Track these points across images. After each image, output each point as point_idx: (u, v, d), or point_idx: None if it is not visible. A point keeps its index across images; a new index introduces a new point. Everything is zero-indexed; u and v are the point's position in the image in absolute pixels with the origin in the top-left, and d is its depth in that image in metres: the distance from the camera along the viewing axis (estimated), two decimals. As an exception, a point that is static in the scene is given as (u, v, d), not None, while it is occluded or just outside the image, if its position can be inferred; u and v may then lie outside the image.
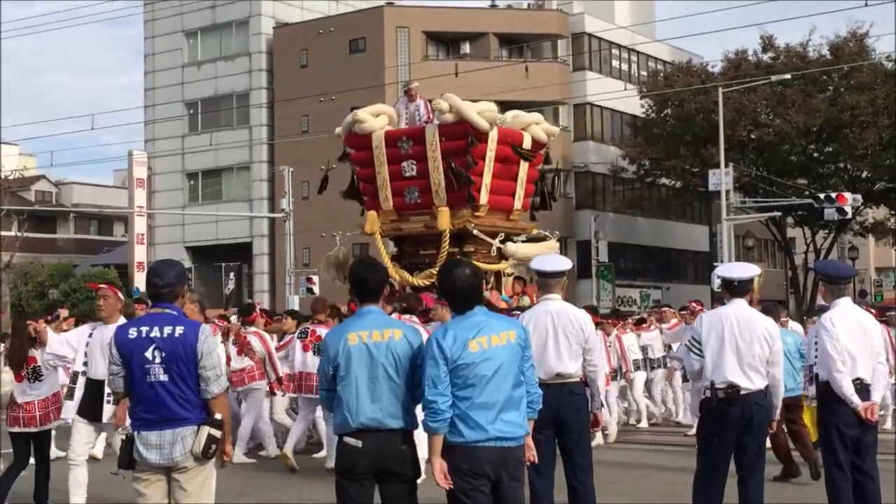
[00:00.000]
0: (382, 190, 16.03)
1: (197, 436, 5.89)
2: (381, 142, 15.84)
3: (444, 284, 5.88)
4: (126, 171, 49.18)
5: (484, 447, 5.60)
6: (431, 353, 5.63)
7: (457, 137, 15.21)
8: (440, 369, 5.59)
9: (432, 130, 15.48)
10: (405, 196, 15.93)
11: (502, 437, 5.63)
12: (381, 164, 15.92)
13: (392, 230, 16.27)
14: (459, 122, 15.19)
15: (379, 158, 15.89)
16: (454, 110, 15.27)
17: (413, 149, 15.65)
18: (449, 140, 15.31)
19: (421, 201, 15.82)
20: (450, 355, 5.59)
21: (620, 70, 52.35)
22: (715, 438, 7.62)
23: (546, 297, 7.74)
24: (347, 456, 5.75)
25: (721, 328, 7.58)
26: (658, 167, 48.01)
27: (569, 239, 49.17)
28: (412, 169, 15.70)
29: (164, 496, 6.01)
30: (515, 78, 45.34)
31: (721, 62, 46.63)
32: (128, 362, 5.94)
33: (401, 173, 15.82)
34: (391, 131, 16.04)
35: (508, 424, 5.66)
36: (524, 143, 16.11)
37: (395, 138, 15.84)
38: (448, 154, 15.23)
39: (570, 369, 7.56)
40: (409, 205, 15.98)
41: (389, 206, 16.04)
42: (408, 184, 15.85)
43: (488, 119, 15.34)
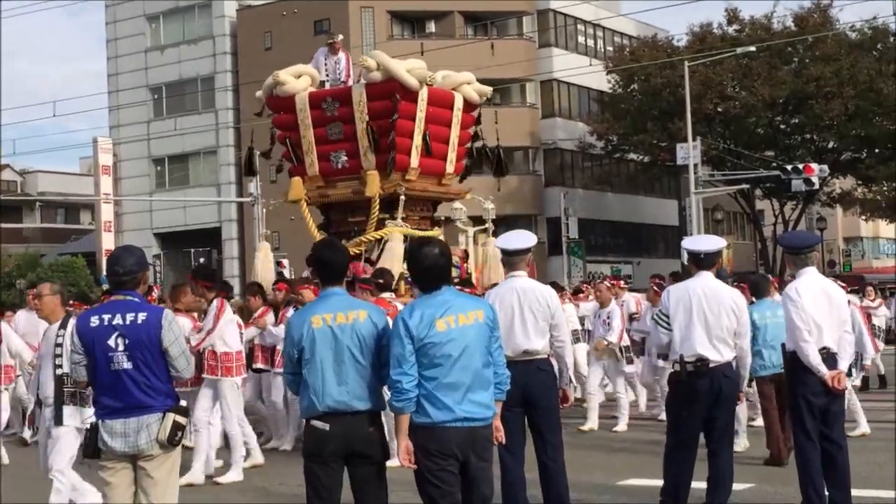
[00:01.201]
0: (308, 155, 15.23)
1: (162, 423, 5.83)
2: (305, 104, 15.10)
3: (412, 262, 5.83)
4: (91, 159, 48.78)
5: (451, 428, 5.56)
6: (397, 332, 5.58)
7: (385, 97, 14.45)
8: (405, 348, 5.54)
9: (359, 90, 14.71)
10: (332, 160, 15.16)
11: (469, 418, 5.60)
12: (305, 128, 15.15)
13: (319, 197, 15.47)
14: (388, 81, 14.43)
15: (303, 122, 15.15)
16: (382, 68, 14.51)
17: (339, 110, 14.87)
18: (376, 100, 14.54)
19: (349, 166, 15.03)
20: (416, 334, 5.54)
21: (586, 46, 52.34)
22: (684, 411, 7.64)
23: (512, 275, 7.71)
24: (315, 439, 5.71)
25: (689, 301, 7.59)
26: (626, 142, 48.12)
27: (538, 216, 49.30)
28: (339, 131, 14.96)
29: (131, 484, 5.95)
30: (481, 56, 45.17)
31: (686, 36, 46.81)
32: (90, 351, 5.86)
33: (326, 136, 15.07)
34: (315, 92, 15.27)
35: (475, 405, 5.63)
36: (455, 103, 15.54)
37: (320, 99, 15.07)
38: (375, 115, 14.52)
39: (536, 346, 7.54)
40: (337, 170, 15.20)
41: (315, 171, 15.27)
42: (334, 147, 15.08)
43: (418, 77, 14.64)
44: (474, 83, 16.20)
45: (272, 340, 12.39)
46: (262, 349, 12.62)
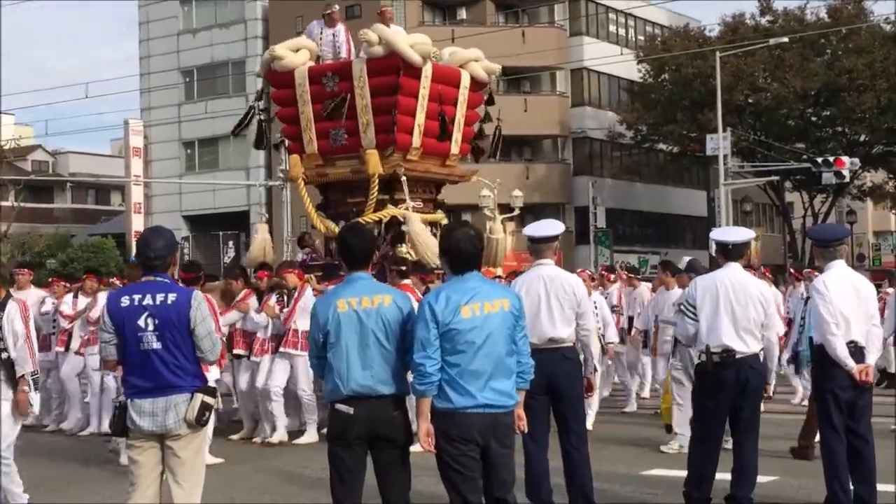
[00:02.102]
0: (306, 132, 14.64)
1: (190, 403, 5.89)
2: (305, 79, 14.54)
3: (444, 244, 5.87)
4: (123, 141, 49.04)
5: (472, 414, 5.59)
6: (423, 316, 5.61)
7: (387, 73, 13.90)
8: (430, 332, 5.57)
9: (360, 65, 14.10)
10: (331, 138, 14.56)
11: (490, 405, 5.62)
12: (304, 104, 14.59)
13: (317, 176, 14.92)
14: (389, 56, 13.83)
15: (302, 97, 14.59)
16: (384, 42, 13.87)
17: (339, 86, 14.27)
18: (378, 75, 13.98)
19: (348, 143, 14.44)
20: (441, 319, 5.57)
21: (617, 35, 52.13)
22: (710, 402, 7.62)
23: (538, 263, 7.71)
24: (339, 422, 5.75)
25: (716, 292, 7.57)
26: (655, 132, 47.92)
27: (566, 205, 49.18)
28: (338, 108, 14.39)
29: (158, 463, 6.01)
30: (512, 43, 45.05)
31: (718, 26, 46.53)
32: (120, 330, 5.92)
33: (326, 113, 14.50)
34: (315, 67, 14.69)
35: (497, 393, 5.65)
36: (462, 82, 14.98)
37: (320, 74, 14.50)
38: (377, 91, 13.97)
39: (562, 334, 7.55)
40: (336, 148, 14.61)
41: (314, 149, 14.69)
42: (333, 125, 14.48)
43: (421, 52, 14.02)
44: (483, 60, 15.62)
45: (252, 327, 12.03)
46: (242, 334, 12.18)
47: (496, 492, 5.74)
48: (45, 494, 9.05)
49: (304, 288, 11.92)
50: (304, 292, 11.85)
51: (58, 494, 9.29)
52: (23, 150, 56.97)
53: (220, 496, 8.74)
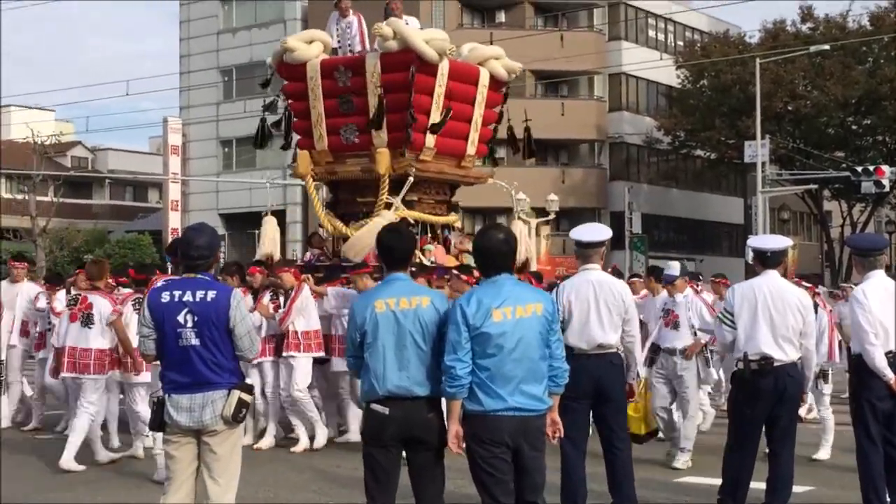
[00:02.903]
0: (317, 127, 14.10)
1: (227, 399, 5.93)
2: (317, 72, 13.93)
3: (476, 245, 5.89)
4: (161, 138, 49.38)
5: (503, 416, 5.59)
6: (454, 318, 5.62)
7: (401, 68, 13.34)
8: (461, 335, 5.57)
9: (373, 60, 13.52)
10: (342, 135, 14.01)
11: (521, 409, 5.62)
12: (315, 98, 14.01)
13: (326, 173, 14.39)
14: (404, 51, 13.26)
15: (314, 91, 14.00)
16: (398, 37, 13.31)
17: (352, 80, 13.69)
18: (392, 71, 13.41)
19: (359, 141, 13.88)
20: (472, 322, 5.58)
21: (657, 40, 51.96)
22: (747, 410, 7.58)
23: (585, 267, 7.67)
24: (374, 423, 5.77)
25: (754, 299, 7.53)
26: (693, 138, 47.73)
27: (602, 210, 49.05)
28: (350, 104, 13.83)
29: (194, 459, 6.06)
30: (551, 47, 45.06)
31: (759, 32, 46.27)
32: (160, 325, 5.97)
33: (338, 109, 13.93)
34: (328, 60, 14.07)
35: (528, 397, 5.65)
36: (481, 80, 14.41)
37: (332, 68, 13.88)
38: (390, 87, 13.39)
39: (611, 340, 7.53)
40: (346, 145, 14.05)
41: (324, 145, 14.11)
42: (345, 121, 13.93)
43: (437, 48, 13.41)
44: (503, 58, 14.99)
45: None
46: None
47: (527, 495, 5.74)
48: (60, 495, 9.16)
49: (301, 288, 11.51)
50: (300, 292, 11.44)
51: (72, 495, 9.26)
52: (63, 146, 57.40)
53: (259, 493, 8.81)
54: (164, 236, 43.19)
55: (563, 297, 7.50)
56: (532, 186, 40.48)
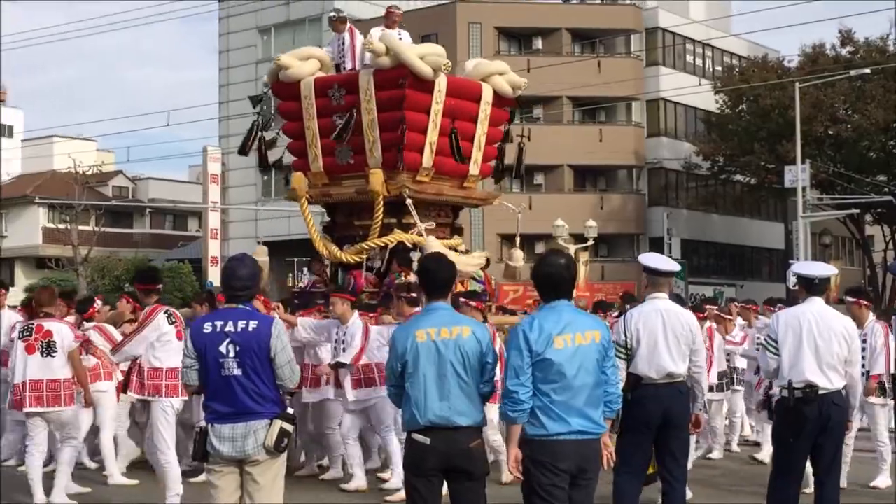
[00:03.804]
0: (311, 148, 13.70)
1: (269, 429, 5.93)
2: (311, 90, 13.54)
3: (537, 270, 5.90)
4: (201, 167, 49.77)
5: (566, 440, 5.61)
6: (517, 343, 5.64)
7: (395, 86, 12.96)
8: (524, 360, 5.60)
9: (367, 77, 13.08)
10: (337, 155, 13.58)
11: (583, 431, 5.66)
12: (310, 117, 13.61)
13: (321, 195, 13.96)
14: (398, 68, 12.87)
15: (308, 110, 13.60)
16: (391, 53, 12.90)
17: (346, 98, 13.29)
18: (385, 88, 13.01)
19: (354, 162, 13.44)
20: (535, 348, 5.60)
21: (695, 65, 51.79)
22: (791, 438, 7.50)
23: (655, 296, 7.57)
24: (416, 453, 5.77)
25: (798, 327, 7.46)
26: (732, 163, 47.45)
27: (641, 235, 48.85)
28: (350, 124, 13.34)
29: (237, 489, 6.07)
30: (588, 73, 45.03)
31: (798, 56, 45.96)
32: (202, 356, 6.00)
33: (332, 128, 13.47)
34: (322, 78, 13.68)
35: (589, 421, 5.69)
36: (484, 96, 13.88)
37: (326, 86, 13.49)
38: (385, 105, 12.98)
39: (680, 369, 7.43)
40: (341, 166, 13.59)
41: (319, 166, 13.70)
42: (340, 141, 13.52)
43: (431, 64, 12.96)
44: (508, 73, 14.40)
45: None
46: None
47: None
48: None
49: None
50: None
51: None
52: (104, 175, 58.04)
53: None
54: (203, 264, 43.46)
55: (632, 325, 7.43)
56: (571, 212, 40.46)
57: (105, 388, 10.86)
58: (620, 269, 46.38)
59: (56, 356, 9.46)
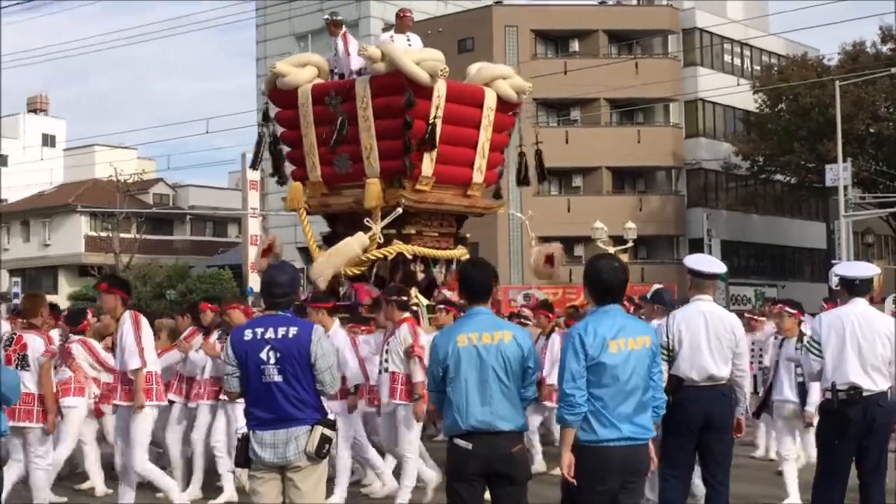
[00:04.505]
0: (309, 157, 13.36)
1: (310, 435, 5.95)
2: (308, 98, 13.21)
3: (589, 274, 5.87)
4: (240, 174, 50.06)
5: (616, 447, 5.62)
6: (573, 347, 5.65)
7: (392, 92, 12.57)
8: (580, 363, 5.62)
9: (363, 84, 12.78)
10: (335, 165, 13.26)
11: (633, 437, 5.66)
12: (307, 125, 13.29)
13: (320, 206, 13.66)
14: (393, 74, 12.51)
15: (305, 118, 13.28)
16: (387, 59, 12.61)
17: (342, 106, 12.91)
18: (382, 95, 12.66)
19: (352, 171, 13.08)
20: (590, 352, 5.61)
21: (733, 65, 51.47)
22: (836, 440, 7.43)
23: (699, 298, 7.52)
24: (458, 458, 5.76)
25: (841, 328, 7.39)
26: (772, 163, 47.12)
27: (680, 237, 48.59)
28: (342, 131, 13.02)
29: (279, 494, 6.08)
30: (625, 75, 44.88)
31: (838, 55, 45.54)
32: (243, 363, 6.03)
33: (330, 137, 13.13)
34: (319, 85, 13.35)
35: (638, 427, 5.69)
36: (486, 101, 13.48)
37: (323, 94, 13.13)
38: (382, 112, 12.64)
39: (722, 372, 7.36)
40: (340, 175, 13.25)
41: (317, 176, 13.37)
42: (338, 150, 13.15)
43: (428, 69, 12.60)
44: (513, 77, 14.05)
45: (191, 369, 10.53)
46: (178, 377, 10.72)
47: None
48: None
49: None
50: None
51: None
52: (145, 183, 58.57)
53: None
54: (244, 270, 43.69)
55: (674, 327, 7.38)
56: (609, 215, 40.29)
57: (74, 404, 10.36)
58: (660, 270, 46.14)
59: (29, 370, 8.97)
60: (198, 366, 10.47)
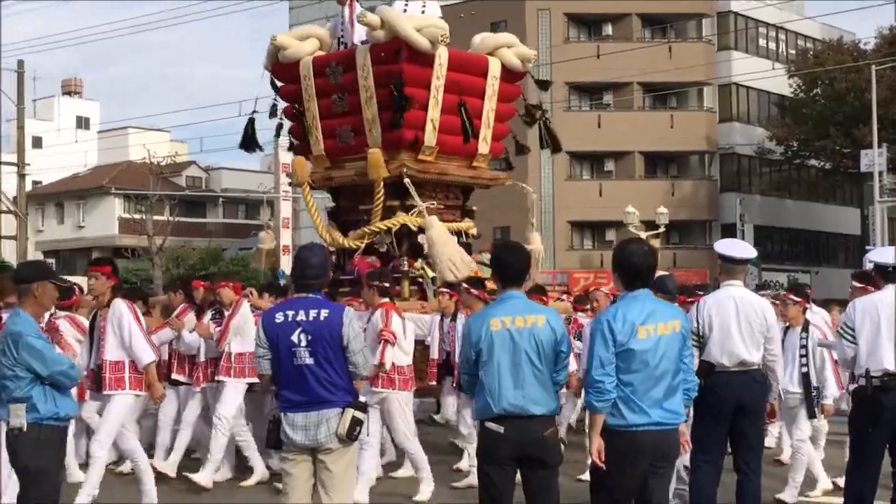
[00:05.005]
0: (312, 130, 13.19)
1: (342, 418, 5.96)
2: (310, 70, 12.97)
3: (618, 258, 5.86)
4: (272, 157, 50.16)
5: (646, 431, 5.62)
6: (602, 333, 5.64)
7: (392, 60, 12.35)
8: (609, 350, 5.61)
9: (363, 53, 12.51)
10: (337, 137, 13.04)
11: (662, 423, 5.66)
12: (309, 98, 13.04)
13: (323, 180, 13.46)
14: (393, 41, 12.26)
15: (307, 91, 13.04)
16: (386, 26, 12.28)
17: (343, 77, 12.70)
18: (383, 64, 12.41)
19: (354, 143, 12.86)
20: (619, 338, 5.61)
21: (768, 49, 51.05)
22: (869, 428, 7.38)
23: (729, 283, 7.46)
24: (489, 441, 5.76)
25: (876, 314, 7.34)
26: (807, 148, 46.77)
27: (713, 222, 48.32)
28: (343, 103, 12.81)
29: (310, 476, 6.11)
30: (658, 59, 44.61)
31: (874, 39, 45.08)
32: (274, 346, 6.04)
33: (331, 109, 12.95)
34: (320, 57, 13.10)
35: (668, 412, 5.69)
36: (490, 70, 13.22)
37: (324, 65, 12.91)
38: (383, 81, 12.39)
39: (754, 358, 7.31)
40: (342, 148, 13.05)
41: (320, 150, 13.20)
42: (340, 122, 12.94)
43: (429, 36, 12.28)
44: (517, 46, 13.70)
45: (185, 348, 10.46)
46: (179, 357, 10.69)
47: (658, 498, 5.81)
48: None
49: (240, 305, 10.18)
50: (238, 310, 10.12)
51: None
52: (178, 166, 58.79)
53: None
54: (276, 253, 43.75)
55: (704, 313, 7.34)
56: (641, 199, 40.15)
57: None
58: (692, 256, 45.96)
59: None
60: (193, 347, 10.39)
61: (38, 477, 6.24)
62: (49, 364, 6.25)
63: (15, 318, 6.33)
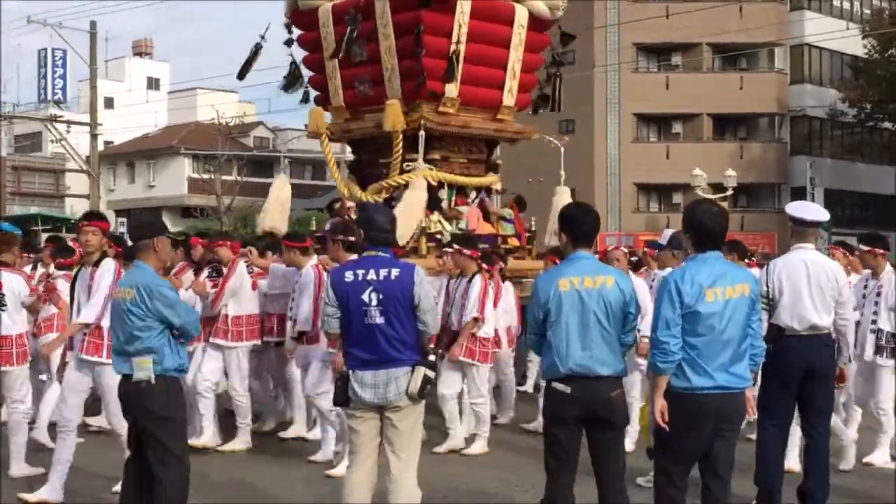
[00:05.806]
0: (332, 81, 12.85)
1: (413, 376, 6.00)
2: (329, 18, 12.68)
3: (689, 219, 5.82)
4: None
5: (710, 394, 5.59)
6: (668, 294, 5.62)
7: (411, 7, 12.01)
8: (675, 311, 5.59)
9: (383, 0, 12.14)
10: (356, 87, 12.72)
11: (726, 387, 5.62)
12: (328, 47, 12.79)
13: (342, 132, 13.20)
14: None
15: (326, 39, 12.76)
16: None
17: (363, 26, 12.29)
18: (402, 11, 12.08)
19: (373, 94, 12.52)
20: (686, 301, 5.58)
21: (842, 8, 49.96)
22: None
23: (800, 246, 7.32)
24: (556, 402, 5.75)
25: None
26: (880, 110, 45.85)
27: (782, 185, 47.66)
28: (362, 52, 12.50)
29: (377, 434, 6.15)
30: (729, 19, 43.86)
31: (953, -3, 43.98)
32: (344, 304, 6.06)
33: (351, 59, 12.58)
34: (339, 4, 12.71)
35: (733, 376, 5.65)
36: (517, 19, 12.72)
37: (343, 13, 12.49)
38: (402, 30, 12.03)
39: (824, 322, 7.20)
40: (361, 99, 12.72)
41: (340, 101, 12.92)
42: (359, 72, 12.62)
43: None
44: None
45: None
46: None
47: (720, 470, 5.76)
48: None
49: (236, 264, 9.88)
50: (234, 270, 9.84)
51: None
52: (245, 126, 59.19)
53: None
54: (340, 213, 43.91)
55: (774, 276, 7.23)
56: (709, 162, 39.71)
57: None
58: (760, 219, 45.39)
59: (6, 309, 8.41)
60: (189, 304, 9.72)
61: (168, 424, 6.30)
62: (182, 314, 6.35)
63: (142, 271, 6.39)
